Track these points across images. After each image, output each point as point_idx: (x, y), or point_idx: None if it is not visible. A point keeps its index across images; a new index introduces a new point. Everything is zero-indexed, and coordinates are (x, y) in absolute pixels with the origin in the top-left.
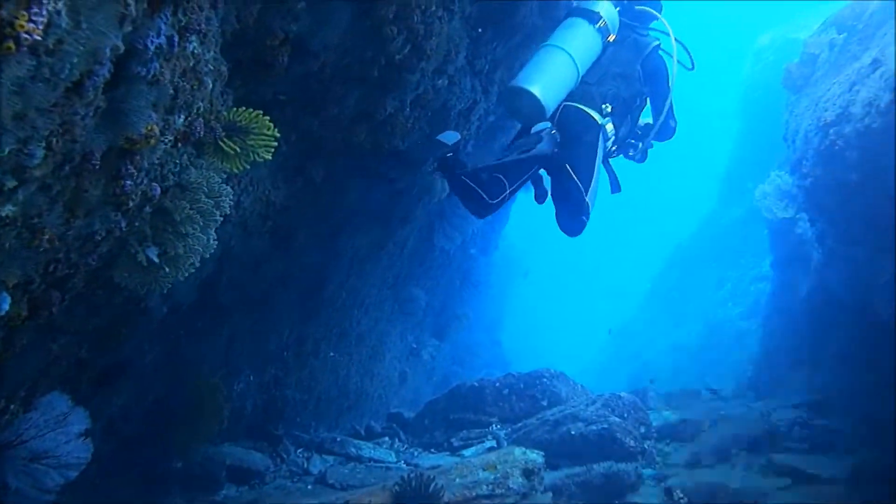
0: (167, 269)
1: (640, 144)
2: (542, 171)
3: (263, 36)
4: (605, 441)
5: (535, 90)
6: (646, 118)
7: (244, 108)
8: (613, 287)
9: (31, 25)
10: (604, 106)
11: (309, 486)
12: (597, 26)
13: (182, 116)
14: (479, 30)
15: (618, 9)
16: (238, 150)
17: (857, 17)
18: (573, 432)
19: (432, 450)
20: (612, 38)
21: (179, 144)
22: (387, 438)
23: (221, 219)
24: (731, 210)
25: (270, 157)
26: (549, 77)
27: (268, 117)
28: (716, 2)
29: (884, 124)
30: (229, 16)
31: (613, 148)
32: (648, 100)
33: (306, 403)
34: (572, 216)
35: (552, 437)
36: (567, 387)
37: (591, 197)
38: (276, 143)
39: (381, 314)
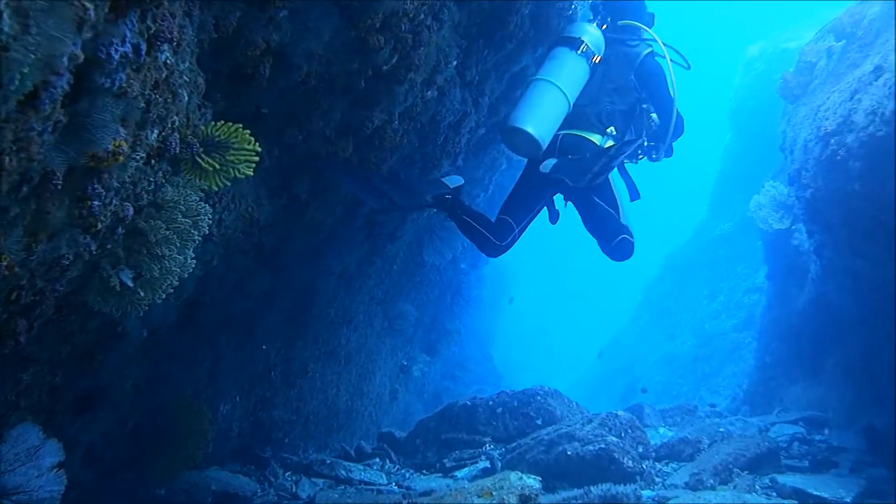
0: (142, 293)
1: (661, 145)
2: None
3: (244, 46)
4: (603, 462)
5: (530, 128)
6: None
7: (223, 122)
8: (605, 298)
9: None
10: (609, 130)
11: None
12: (579, 51)
13: (155, 131)
14: (469, 39)
15: (604, 27)
16: (217, 166)
17: (856, 24)
18: (569, 452)
19: (424, 471)
20: (597, 58)
21: (153, 161)
22: (377, 459)
23: (200, 239)
24: (723, 221)
25: (252, 174)
26: (541, 112)
27: (248, 131)
28: (705, 12)
29: (888, 133)
30: (206, 24)
31: (640, 156)
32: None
33: (294, 424)
34: (615, 239)
35: (547, 457)
36: (562, 405)
37: (624, 217)
38: (257, 159)
39: (370, 331)
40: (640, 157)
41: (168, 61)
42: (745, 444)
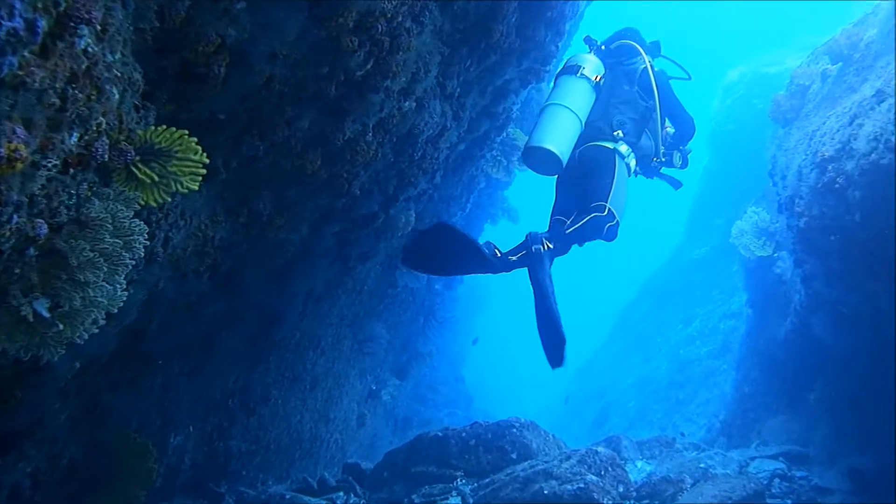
0: (61, 327)
1: (677, 152)
2: None
3: (194, 40)
4: (582, 503)
5: (551, 146)
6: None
7: (165, 127)
8: (579, 320)
9: None
10: (615, 133)
11: None
12: (578, 75)
13: (75, 134)
14: (452, 47)
15: (603, 52)
16: (156, 177)
17: (853, 46)
18: (546, 491)
19: None
20: (598, 78)
21: (73, 170)
22: (341, 493)
23: (133, 262)
24: (699, 245)
25: (197, 188)
26: (558, 131)
27: (195, 139)
28: (684, 35)
29: (893, 161)
30: (146, 12)
31: (662, 158)
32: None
33: (253, 455)
34: (600, 235)
35: (523, 495)
36: (538, 438)
37: (613, 202)
38: (204, 171)
39: (338, 354)
40: (660, 166)
41: (89, 49)
42: (729, 485)
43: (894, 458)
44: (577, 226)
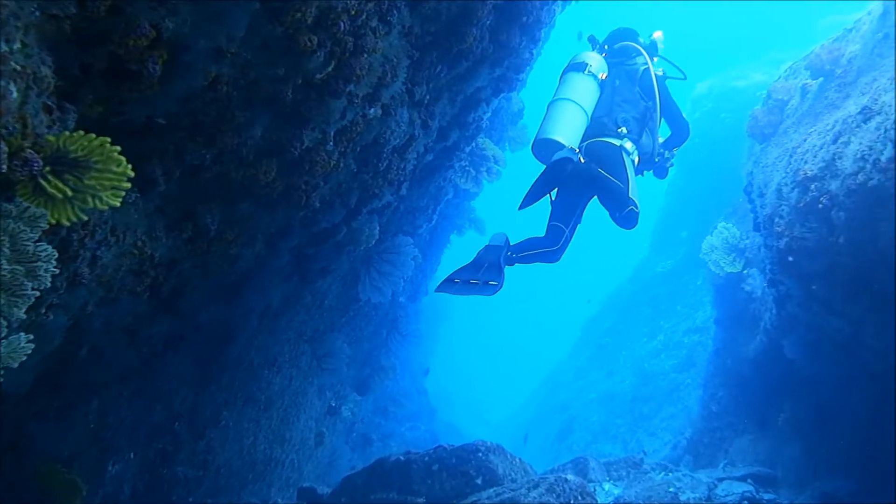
0: None
1: (668, 154)
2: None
3: (124, 32)
4: None
5: (559, 138)
6: (664, 134)
7: (81, 134)
8: (543, 331)
9: None
10: (619, 130)
11: None
12: (585, 72)
13: None
14: (421, 51)
15: (605, 51)
16: (69, 192)
17: (835, 62)
18: None
19: None
20: (603, 76)
21: None
22: None
23: (37, 294)
24: (664, 258)
25: (118, 204)
26: (565, 124)
27: (118, 147)
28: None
29: (883, 182)
30: None
31: (656, 159)
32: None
33: (201, 480)
34: (622, 210)
35: None
36: (504, 462)
37: (633, 193)
38: (128, 185)
39: (296, 371)
40: (659, 164)
41: None
42: None
43: (867, 481)
44: (610, 176)
